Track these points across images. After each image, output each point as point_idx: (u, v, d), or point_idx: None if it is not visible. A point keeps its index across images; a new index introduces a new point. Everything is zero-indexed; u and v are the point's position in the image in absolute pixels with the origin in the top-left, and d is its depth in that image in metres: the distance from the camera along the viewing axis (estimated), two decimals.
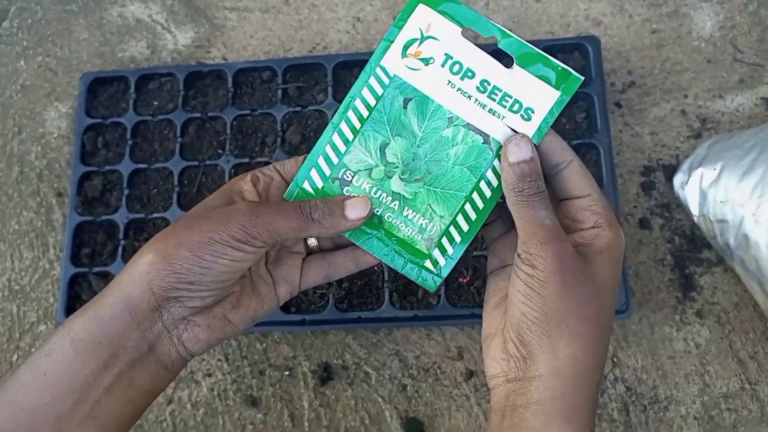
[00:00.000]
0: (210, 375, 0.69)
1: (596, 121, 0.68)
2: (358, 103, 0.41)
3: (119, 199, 0.72)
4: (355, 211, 0.39)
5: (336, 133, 0.41)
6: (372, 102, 0.41)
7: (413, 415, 0.66)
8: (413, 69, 0.40)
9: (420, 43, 0.40)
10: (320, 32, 0.79)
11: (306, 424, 0.66)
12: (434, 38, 0.40)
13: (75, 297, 0.69)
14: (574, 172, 0.39)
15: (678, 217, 0.69)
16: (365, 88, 0.41)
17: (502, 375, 0.37)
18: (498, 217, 0.43)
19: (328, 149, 0.41)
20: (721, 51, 0.74)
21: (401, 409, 0.66)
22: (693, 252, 0.68)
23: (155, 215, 0.70)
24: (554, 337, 0.35)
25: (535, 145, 0.39)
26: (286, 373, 0.68)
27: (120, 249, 0.70)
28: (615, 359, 0.66)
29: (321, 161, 0.42)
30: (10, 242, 0.75)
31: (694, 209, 0.67)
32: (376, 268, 0.67)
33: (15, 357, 0.71)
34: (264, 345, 0.69)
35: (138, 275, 0.37)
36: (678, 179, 0.68)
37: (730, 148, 0.65)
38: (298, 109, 0.72)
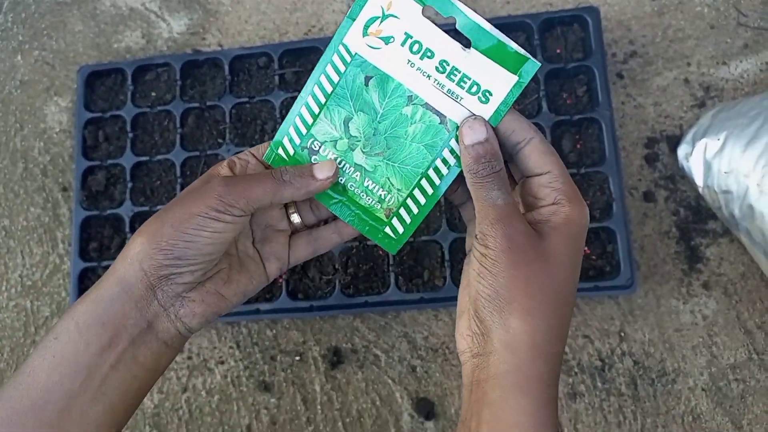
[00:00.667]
0: (223, 362, 0.70)
1: (597, 94, 0.67)
2: (322, 79, 0.42)
3: (123, 192, 0.72)
4: (323, 172, 0.41)
5: (303, 106, 0.43)
6: (335, 79, 0.42)
7: (423, 396, 0.67)
8: (374, 48, 0.41)
9: (381, 22, 0.40)
10: (315, 14, 0.78)
11: (318, 407, 0.67)
12: (395, 16, 0.40)
13: (86, 290, 0.70)
14: (534, 150, 0.39)
15: (683, 188, 0.68)
16: (329, 65, 0.42)
17: (468, 351, 0.38)
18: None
19: (298, 121, 0.43)
20: (725, 16, 0.72)
21: (411, 390, 0.67)
22: (698, 223, 0.68)
23: (159, 207, 0.71)
24: (505, 312, 0.36)
25: (492, 126, 0.39)
26: (297, 358, 0.69)
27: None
28: (622, 333, 0.66)
29: (292, 131, 0.43)
30: (19, 239, 0.76)
31: (699, 180, 0.66)
32: (380, 252, 0.67)
33: (31, 351, 0.73)
34: (274, 331, 0.70)
35: (130, 257, 0.39)
36: (682, 150, 0.68)
37: (734, 116, 0.64)
38: (296, 94, 0.71)
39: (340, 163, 0.43)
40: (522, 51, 0.39)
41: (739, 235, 0.65)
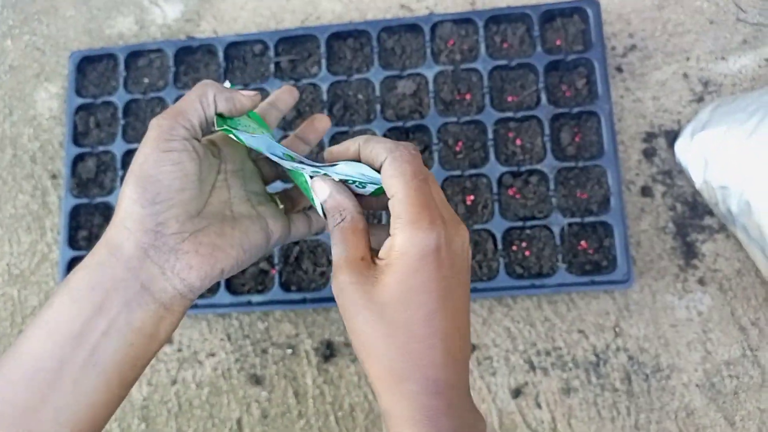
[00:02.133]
0: (213, 355, 0.69)
1: (597, 87, 0.67)
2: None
3: (114, 180, 0.71)
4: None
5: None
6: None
7: None
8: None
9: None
10: (312, 1, 0.77)
11: (310, 400, 0.67)
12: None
13: None
14: (384, 173, 0.37)
15: (680, 183, 0.68)
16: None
17: None
18: None
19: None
20: (724, 11, 0.72)
21: None
22: (695, 219, 0.67)
23: None
24: (362, 362, 0.37)
25: (346, 170, 0.39)
26: (289, 351, 0.68)
27: None
28: (617, 329, 0.65)
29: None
30: (7, 226, 0.75)
31: (697, 176, 0.66)
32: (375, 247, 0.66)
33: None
34: (266, 324, 0.69)
35: (116, 222, 0.39)
36: (680, 145, 0.67)
37: (732, 112, 0.64)
38: (292, 83, 0.71)
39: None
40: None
41: (735, 231, 0.64)
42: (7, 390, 0.36)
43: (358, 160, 0.40)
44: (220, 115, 0.42)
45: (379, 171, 0.38)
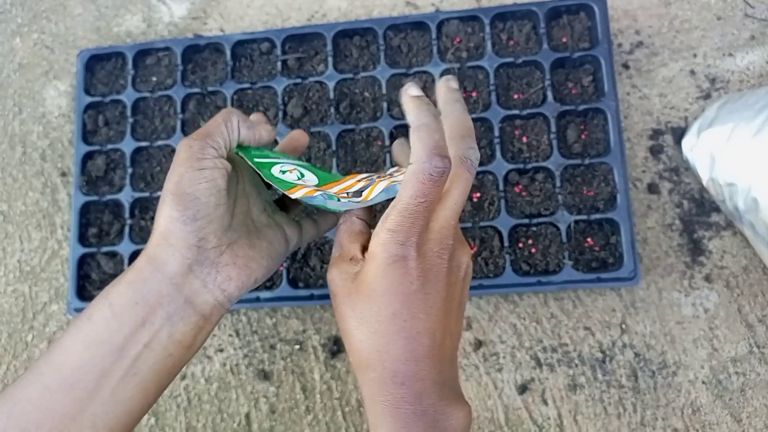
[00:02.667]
0: (222, 350, 0.69)
1: (603, 85, 0.67)
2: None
3: (123, 178, 0.72)
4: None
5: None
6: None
7: None
8: None
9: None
10: None
11: (318, 396, 0.67)
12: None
13: (85, 277, 0.70)
14: (402, 179, 0.40)
15: (687, 180, 0.68)
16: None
17: None
18: None
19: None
20: (731, 7, 0.71)
21: None
22: (702, 216, 0.67)
23: (160, 194, 0.70)
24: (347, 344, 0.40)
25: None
26: (297, 346, 0.69)
27: (127, 228, 0.70)
28: (623, 326, 0.66)
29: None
30: (18, 223, 0.75)
31: (703, 173, 0.66)
32: None
33: (30, 337, 0.72)
34: (274, 320, 0.70)
35: (156, 239, 0.40)
36: (687, 142, 0.67)
37: (739, 109, 0.63)
38: (299, 81, 0.71)
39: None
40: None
41: (742, 228, 0.64)
42: (45, 398, 0.38)
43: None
44: (239, 144, 0.45)
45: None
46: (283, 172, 0.45)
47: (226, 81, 0.72)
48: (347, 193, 0.43)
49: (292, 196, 0.42)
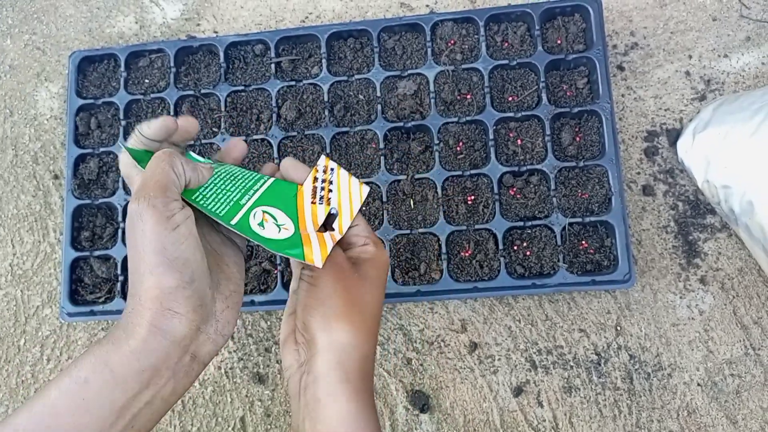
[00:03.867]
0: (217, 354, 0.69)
1: (598, 86, 0.67)
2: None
3: (116, 181, 0.71)
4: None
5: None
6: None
7: (418, 388, 0.66)
8: None
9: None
10: (312, 0, 0.77)
11: None
12: None
13: (77, 281, 0.69)
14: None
15: (682, 182, 0.68)
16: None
17: (295, 363, 0.43)
18: None
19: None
20: (727, 8, 0.71)
21: (406, 383, 0.66)
22: (697, 218, 0.67)
23: None
24: (328, 317, 0.42)
25: None
26: None
27: (120, 232, 0.69)
28: (618, 328, 0.66)
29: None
30: (9, 227, 0.75)
31: (699, 175, 0.66)
32: None
33: (22, 341, 0.72)
34: (269, 323, 0.69)
35: (152, 306, 0.39)
36: (682, 144, 0.67)
37: (735, 111, 0.63)
38: (293, 83, 0.71)
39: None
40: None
41: (737, 230, 0.64)
42: None
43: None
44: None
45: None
46: (261, 225, 0.44)
47: (220, 83, 0.71)
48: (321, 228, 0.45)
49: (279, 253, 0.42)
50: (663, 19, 0.71)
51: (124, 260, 0.69)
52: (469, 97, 0.69)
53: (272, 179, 0.46)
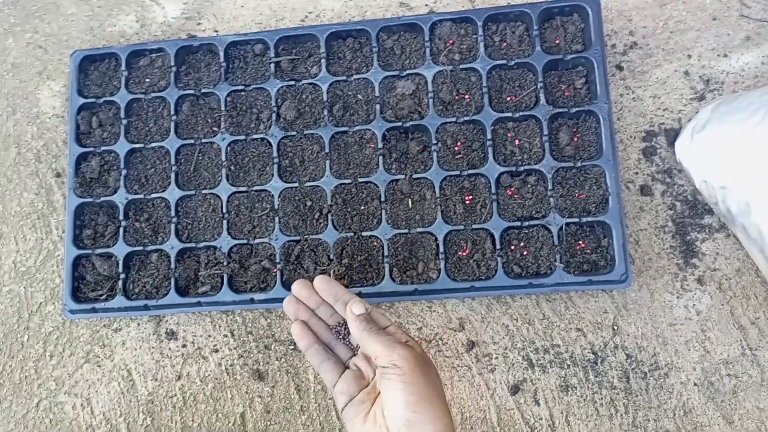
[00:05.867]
0: (217, 350, 0.70)
1: (596, 87, 0.67)
2: None
3: (117, 179, 0.72)
4: None
5: None
6: None
7: None
8: None
9: None
10: (312, 0, 0.77)
11: (312, 396, 0.68)
12: None
13: (80, 278, 0.70)
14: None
15: (680, 182, 0.68)
16: None
17: None
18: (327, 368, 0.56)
19: None
20: (727, 7, 0.71)
21: None
22: (694, 218, 0.67)
23: (154, 195, 0.70)
24: (434, 408, 0.47)
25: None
26: (291, 347, 0.69)
27: (121, 230, 0.70)
28: (615, 327, 0.66)
29: None
30: (12, 224, 0.76)
31: (697, 175, 0.66)
32: (375, 243, 0.67)
33: (26, 337, 0.73)
34: (268, 320, 0.70)
35: None
36: (680, 144, 0.67)
37: (733, 111, 0.63)
38: (292, 83, 0.71)
39: None
40: None
41: (735, 230, 0.64)
42: None
43: None
44: None
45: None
46: None
47: (220, 83, 0.72)
48: None
49: None
50: (662, 18, 0.71)
51: (126, 258, 0.69)
52: (467, 97, 0.69)
53: None
